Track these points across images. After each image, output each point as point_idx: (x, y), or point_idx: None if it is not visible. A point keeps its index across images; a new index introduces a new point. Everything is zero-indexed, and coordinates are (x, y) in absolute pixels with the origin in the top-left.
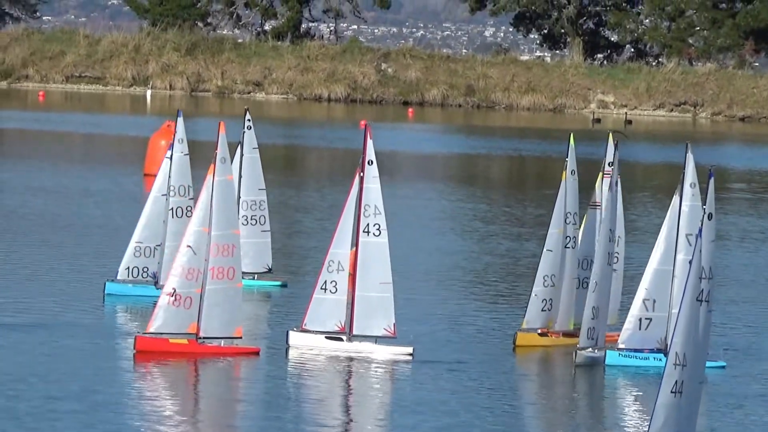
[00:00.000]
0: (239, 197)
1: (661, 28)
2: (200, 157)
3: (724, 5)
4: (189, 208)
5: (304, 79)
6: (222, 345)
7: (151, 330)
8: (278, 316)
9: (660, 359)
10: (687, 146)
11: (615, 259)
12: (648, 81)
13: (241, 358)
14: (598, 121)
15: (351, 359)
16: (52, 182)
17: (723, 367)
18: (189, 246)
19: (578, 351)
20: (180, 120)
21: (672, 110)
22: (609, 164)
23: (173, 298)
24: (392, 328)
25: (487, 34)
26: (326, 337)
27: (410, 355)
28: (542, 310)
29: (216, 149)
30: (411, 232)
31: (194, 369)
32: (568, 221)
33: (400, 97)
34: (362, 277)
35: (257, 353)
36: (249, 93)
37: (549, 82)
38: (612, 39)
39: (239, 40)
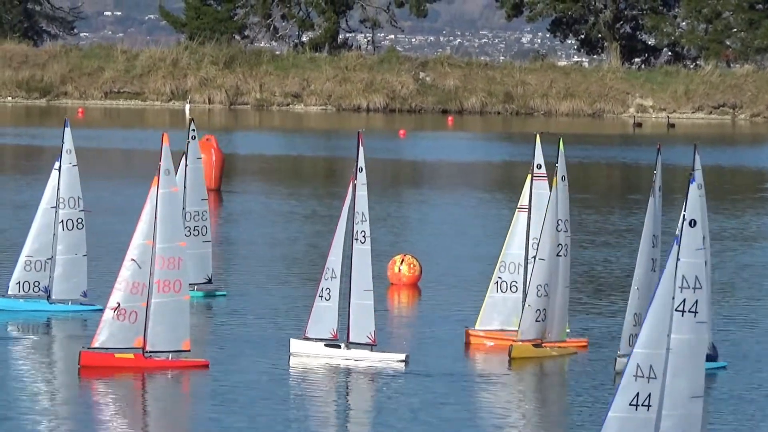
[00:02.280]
0: (183, 208)
1: (698, 30)
2: (239, 170)
3: (760, 6)
4: (80, 220)
5: (343, 90)
6: (170, 359)
7: (96, 345)
8: (225, 327)
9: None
10: (695, 147)
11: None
12: (686, 84)
13: (190, 371)
14: (639, 125)
15: (332, 367)
16: (90, 199)
17: (724, 367)
18: (133, 259)
19: (618, 358)
20: (68, 130)
21: (711, 113)
22: (537, 166)
23: (117, 312)
24: (373, 336)
25: (524, 40)
26: (325, 345)
27: (403, 361)
28: (536, 321)
29: (160, 161)
30: (450, 240)
31: (141, 384)
32: (559, 229)
33: (439, 105)
34: (356, 284)
35: (206, 366)
36: (288, 105)
37: (587, 87)
38: (649, 43)
39: (277, 52)
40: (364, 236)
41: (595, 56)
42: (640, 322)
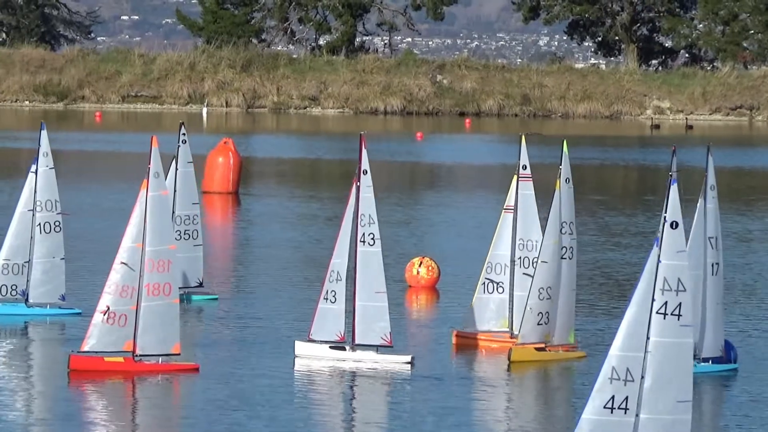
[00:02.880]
0: (173, 212)
1: (715, 32)
2: (256, 174)
3: None
4: (57, 223)
5: (360, 93)
6: (160, 362)
7: (86, 348)
8: (215, 330)
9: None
10: (708, 149)
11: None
12: (703, 86)
13: (180, 374)
14: (657, 127)
15: (340, 369)
16: (110, 202)
17: (735, 369)
18: (123, 263)
19: None
20: (44, 133)
21: (728, 114)
22: (522, 167)
23: (107, 316)
24: (388, 337)
25: (541, 43)
26: (330, 347)
27: (409, 363)
28: (538, 324)
29: (149, 164)
30: (468, 242)
31: (131, 387)
32: (564, 231)
33: (457, 108)
34: (361, 287)
35: (197, 369)
36: (305, 108)
37: (604, 90)
38: (666, 45)
39: (294, 56)
40: (372, 238)
41: (612, 58)
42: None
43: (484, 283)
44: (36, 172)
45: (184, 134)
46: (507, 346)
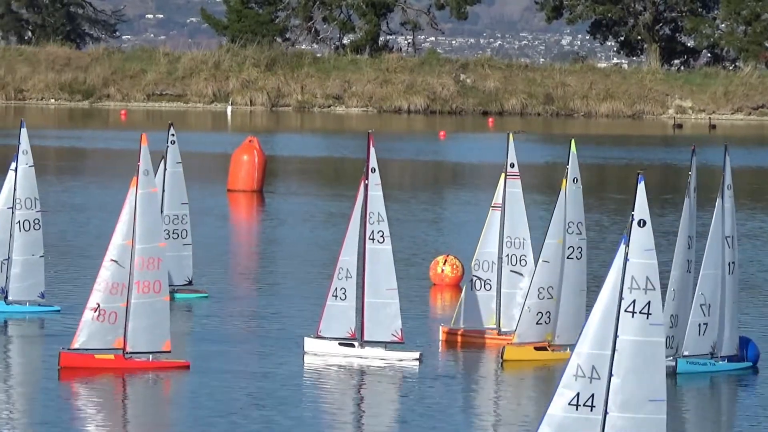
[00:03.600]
0: (162, 212)
1: (737, 32)
2: (281, 172)
3: None
4: (36, 221)
5: (384, 92)
6: (150, 359)
7: (76, 346)
8: (206, 328)
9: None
10: (725, 148)
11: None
12: (725, 85)
13: (171, 372)
14: (680, 126)
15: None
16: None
17: (751, 367)
18: (113, 260)
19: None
20: (24, 131)
21: (750, 114)
22: (511, 165)
23: (97, 313)
24: (399, 333)
25: (564, 42)
26: (339, 344)
27: (418, 360)
28: (537, 324)
29: (138, 161)
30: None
31: (122, 385)
32: (570, 231)
33: (480, 107)
34: (370, 284)
35: (187, 367)
36: (329, 107)
37: (627, 89)
38: (688, 44)
39: (318, 55)
40: (382, 236)
41: (634, 58)
42: (676, 323)
43: (471, 280)
44: (15, 170)
45: (173, 135)
46: (495, 343)
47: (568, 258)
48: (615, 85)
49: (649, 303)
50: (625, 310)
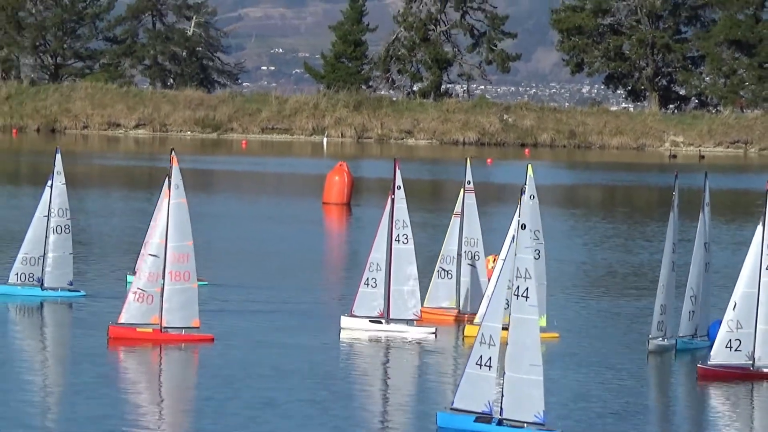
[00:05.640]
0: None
1: (718, 83)
2: (365, 189)
3: (767, 65)
4: (67, 227)
5: (444, 128)
6: (183, 333)
7: (122, 321)
8: (272, 309)
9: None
10: (705, 174)
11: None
12: (709, 125)
13: (199, 344)
14: (674, 156)
15: (373, 339)
16: (252, 210)
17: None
18: (151, 254)
19: (650, 340)
20: (58, 156)
21: (728, 147)
22: (467, 182)
23: (138, 295)
24: (419, 314)
25: (584, 90)
26: (369, 321)
27: (433, 333)
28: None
29: (170, 177)
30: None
31: (159, 353)
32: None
33: (518, 140)
34: (395, 275)
35: (212, 340)
36: (402, 139)
37: (633, 127)
38: (681, 93)
39: (394, 99)
40: (406, 238)
41: (638, 103)
42: (665, 311)
43: (438, 271)
44: (51, 186)
45: (175, 158)
46: (453, 319)
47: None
48: (623, 123)
49: (527, 288)
50: (513, 294)
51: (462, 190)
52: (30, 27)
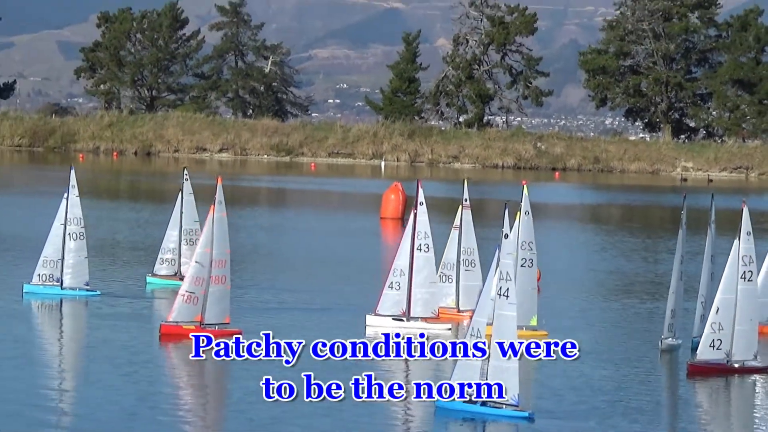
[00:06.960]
0: (181, 226)
1: (723, 117)
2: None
3: (766, 101)
4: (81, 233)
5: (486, 154)
6: (216, 329)
7: (171, 319)
8: (298, 306)
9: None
10: (712, 196)
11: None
12: (715, 152)
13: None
14: (685, 180)
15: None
16: (318, 223)
17: None
18: (197, 261)
19: (663, 340)
20: (72, 173)
21: (732, 172)
22: (465, 200)
23: (185, 297)
24: (437, 312)
25: (607, 122)
26: (392, 319)
27: (449, 329)
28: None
29: (215, 195)
30: (562, 254)
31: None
32: (523, 247)
33: (550, 165)
34: (416, 279)
35: (240, 333)
36: (449, 163)
37: (649, 154)
38: (691, 125)
39: (442, 128)
40: (427, 247)
41: (654, 133)
42: (675, 315)
43: (440, 275)
44: (67, 198)
45: (186, 175)
46: (458, 318)
47: (521, 266)
48: (641, 151)
49: (508, 289)
50: (497, 293)
51: (460, 207)
52: (129, 64)
